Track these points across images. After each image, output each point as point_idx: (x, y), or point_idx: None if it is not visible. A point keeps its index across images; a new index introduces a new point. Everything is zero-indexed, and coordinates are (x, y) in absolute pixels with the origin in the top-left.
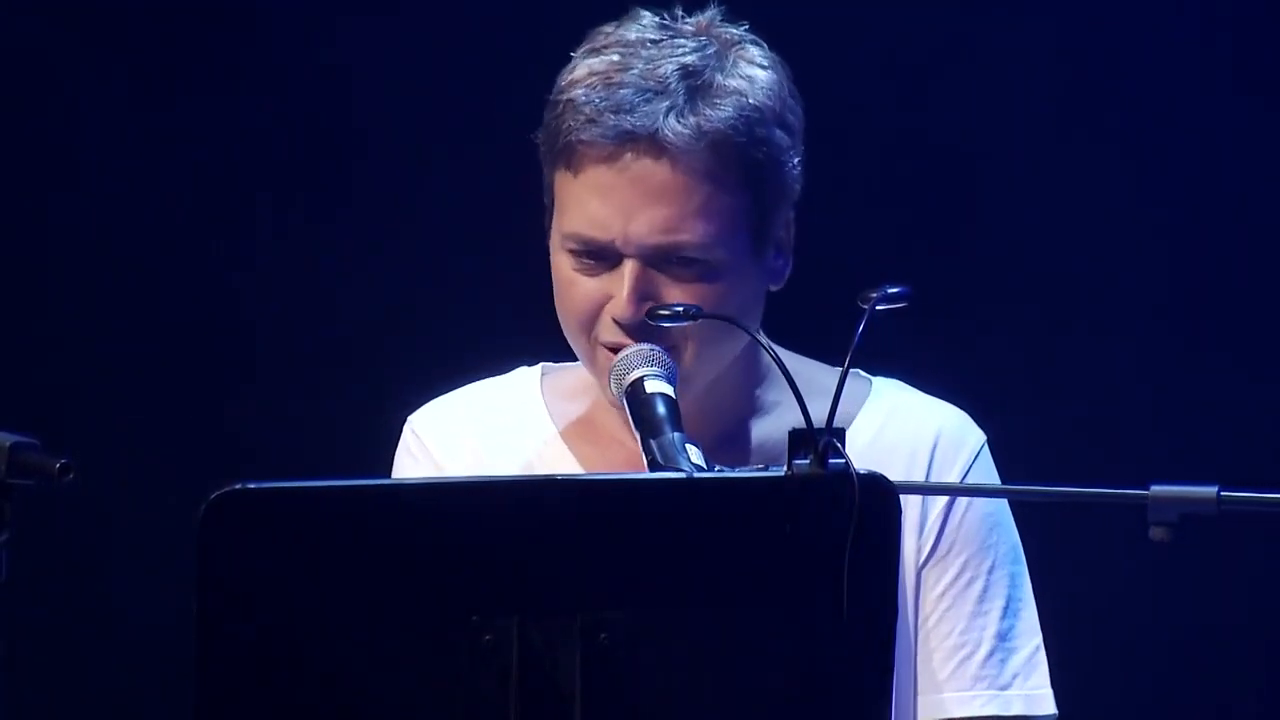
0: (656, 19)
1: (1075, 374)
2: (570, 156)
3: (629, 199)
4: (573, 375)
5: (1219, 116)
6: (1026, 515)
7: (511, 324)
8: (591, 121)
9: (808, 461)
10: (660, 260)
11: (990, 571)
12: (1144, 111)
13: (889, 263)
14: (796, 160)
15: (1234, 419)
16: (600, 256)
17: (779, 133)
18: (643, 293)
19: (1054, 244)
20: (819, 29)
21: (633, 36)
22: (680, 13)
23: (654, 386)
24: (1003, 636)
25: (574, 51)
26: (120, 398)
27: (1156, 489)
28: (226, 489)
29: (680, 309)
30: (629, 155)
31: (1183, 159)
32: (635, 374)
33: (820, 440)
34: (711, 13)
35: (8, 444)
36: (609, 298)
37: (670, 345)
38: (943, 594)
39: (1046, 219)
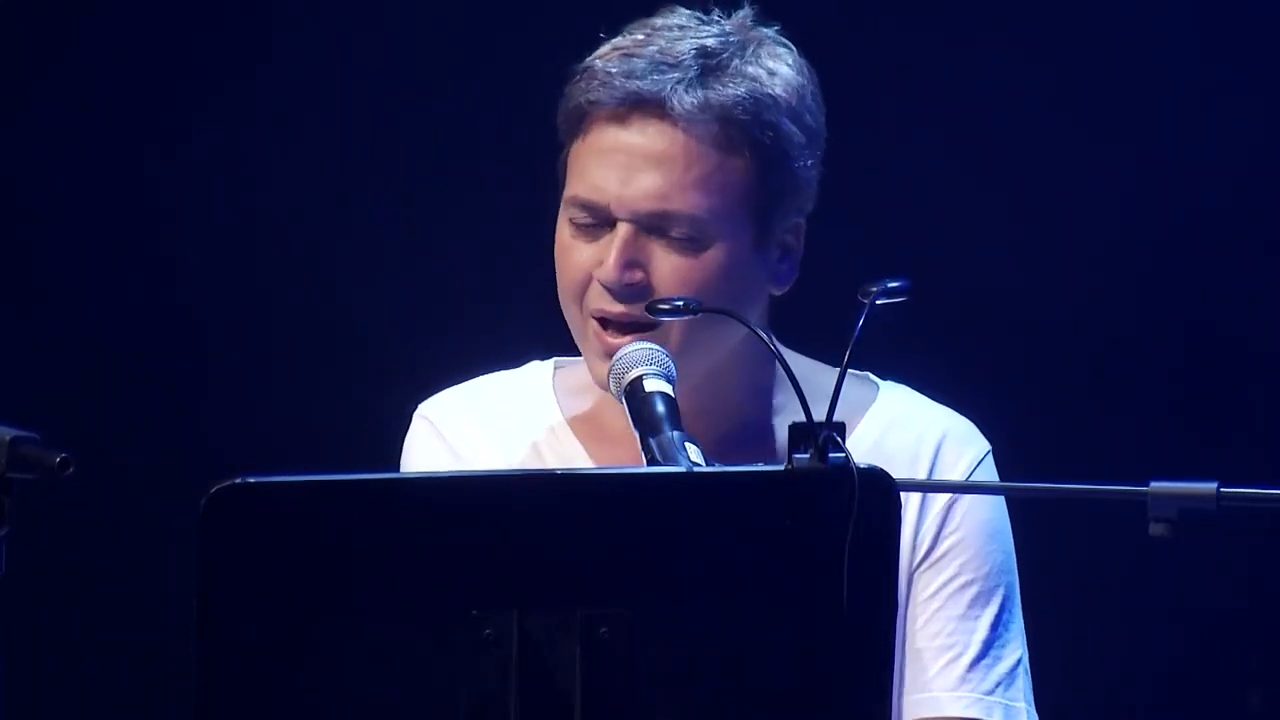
0: (691, 12)
1: (1075, 373)
2: (581, 120)
3: (627, 163)
4: (585, 370)
5: (1218, 116)
6: (1026, 513)
7: (520, 321)
8: (603, 85)
9: (808, 456)
10: (653, 229)
11: (985, 578)
12: (1144, 111)
13: (889, 260)
14: (810, 163)
15: (1234, 419)
16: (597, 221)
17: (790, 125)
18: (630, 259)
19: (1055, 242)
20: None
21: (660, 22)
22: (717, 12)
23: (653, 385)
24: (990, 644)
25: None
26: (121, 392)
27: (1156, 485)
28: (227, 483)
29: (680, 303)
30: (634, 119)
31: (1181, 158)
32: (634, 372)
33: (820, 434)
34: (745, 12)
35: (8, 438)
36: (600, 264)
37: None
38: (934, 594)
39: (1047, 217)
